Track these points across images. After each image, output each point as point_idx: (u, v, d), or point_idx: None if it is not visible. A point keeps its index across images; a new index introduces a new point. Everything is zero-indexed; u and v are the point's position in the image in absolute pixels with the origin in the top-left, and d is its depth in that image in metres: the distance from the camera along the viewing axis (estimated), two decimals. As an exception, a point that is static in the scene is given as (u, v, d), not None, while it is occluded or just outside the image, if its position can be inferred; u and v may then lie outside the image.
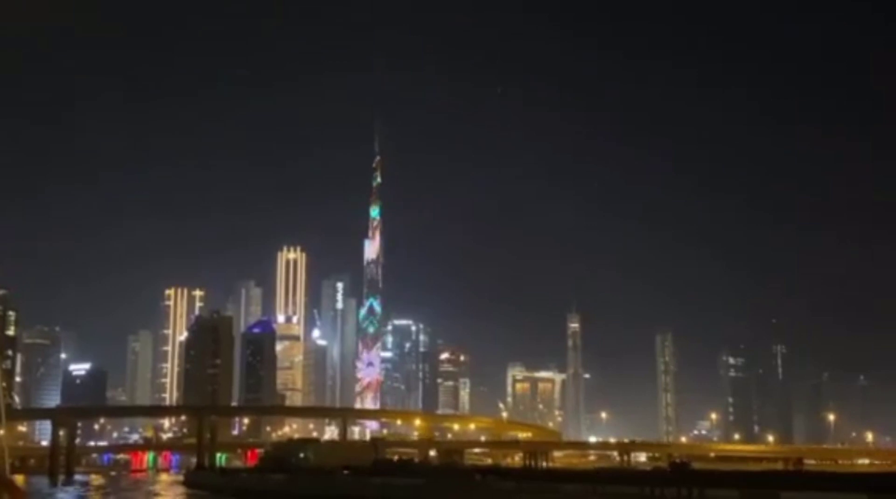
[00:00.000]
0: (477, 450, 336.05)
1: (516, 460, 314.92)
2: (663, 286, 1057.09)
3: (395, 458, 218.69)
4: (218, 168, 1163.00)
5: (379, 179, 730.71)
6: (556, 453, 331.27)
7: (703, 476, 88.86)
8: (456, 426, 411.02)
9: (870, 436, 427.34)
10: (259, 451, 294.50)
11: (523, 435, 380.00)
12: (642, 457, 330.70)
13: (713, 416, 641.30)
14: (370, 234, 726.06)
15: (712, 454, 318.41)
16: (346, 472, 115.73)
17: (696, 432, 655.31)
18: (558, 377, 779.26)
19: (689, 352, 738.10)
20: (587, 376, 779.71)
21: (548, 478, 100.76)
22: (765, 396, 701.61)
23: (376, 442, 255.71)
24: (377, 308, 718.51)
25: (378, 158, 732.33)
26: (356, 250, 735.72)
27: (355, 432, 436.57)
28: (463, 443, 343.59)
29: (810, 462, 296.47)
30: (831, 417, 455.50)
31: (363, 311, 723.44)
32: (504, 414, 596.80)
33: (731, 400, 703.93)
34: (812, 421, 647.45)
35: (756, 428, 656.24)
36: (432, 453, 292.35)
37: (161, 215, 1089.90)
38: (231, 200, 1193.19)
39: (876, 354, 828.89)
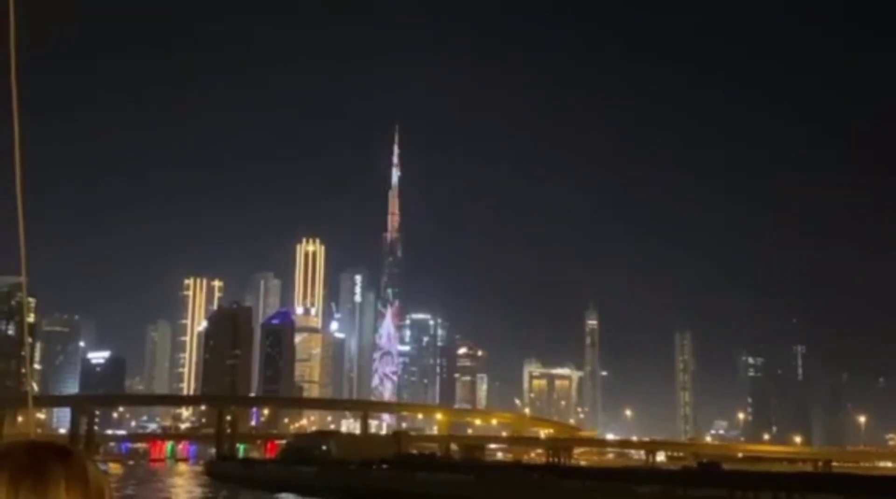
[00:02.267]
0: (494, 445, 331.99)
1: (532, 456, 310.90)
2: (682, 285, 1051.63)
3: (416, 452, 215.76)
4: (237, 160, 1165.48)
5: (398, 174, 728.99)
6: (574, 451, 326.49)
7: (795, 478, 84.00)
8: (478, 421, 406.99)
9: None
10: (279, 442, 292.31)
11: (545, 431, 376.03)
12: (660, 456, 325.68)
13: (739, 416, 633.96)
14: (388, 228, 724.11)
15: (740, 455, 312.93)
16: (384, 466, 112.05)
17: (713, 431, 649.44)
18: (575, 374, 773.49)
19: (707, 351, 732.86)
20: (604, 373, 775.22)
21: (620, 478, 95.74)
22: (784, 396, 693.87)
23: (399, 436, 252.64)
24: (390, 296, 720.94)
25: (398, 152, 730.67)
26: (374, 244, 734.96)
27: (371, 425, 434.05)
28: (484, 438, 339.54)
29: (833, 464, 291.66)
30: (862, 419, 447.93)
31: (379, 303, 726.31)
32: (526, 410, 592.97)
33: (749, 400, 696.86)
34: (831, 422, 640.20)
35: (774, 428, 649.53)
36: (453, 447, 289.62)
37: (181, 206, 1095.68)
38: (250, 192, 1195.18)
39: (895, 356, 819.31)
